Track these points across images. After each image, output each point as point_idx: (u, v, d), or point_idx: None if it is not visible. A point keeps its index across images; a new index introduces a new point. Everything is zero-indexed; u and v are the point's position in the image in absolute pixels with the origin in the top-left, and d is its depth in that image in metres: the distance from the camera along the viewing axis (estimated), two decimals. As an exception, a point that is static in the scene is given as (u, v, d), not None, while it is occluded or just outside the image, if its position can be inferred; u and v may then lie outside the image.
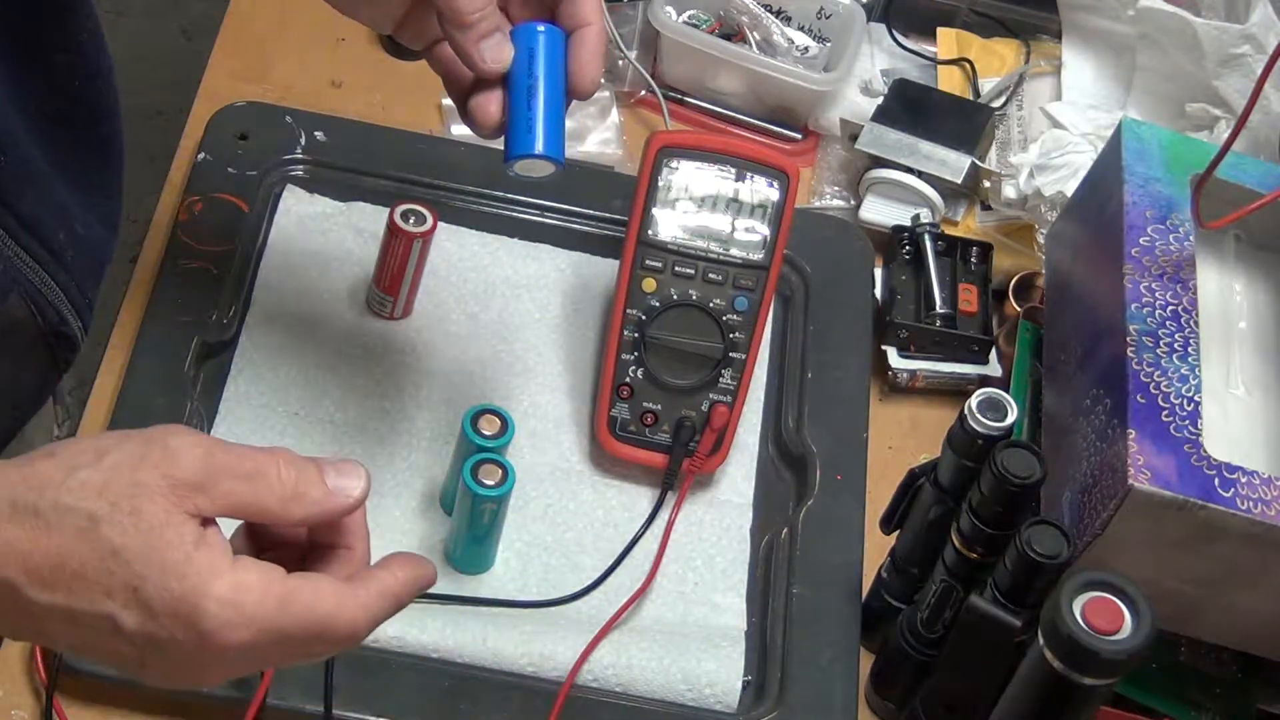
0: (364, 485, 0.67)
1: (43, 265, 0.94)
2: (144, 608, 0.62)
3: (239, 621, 0.62)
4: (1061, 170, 1.15)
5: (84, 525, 0.62)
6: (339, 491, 0.66)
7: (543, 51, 0.81)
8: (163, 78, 2.05)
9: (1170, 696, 0.95)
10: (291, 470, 0.65)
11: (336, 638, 0.65)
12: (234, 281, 1.05)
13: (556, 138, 0.80)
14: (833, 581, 0.99)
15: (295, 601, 0.64)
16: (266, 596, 0.63)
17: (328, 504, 0.66)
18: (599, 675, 0.93)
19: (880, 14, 1.31)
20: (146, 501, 0.62)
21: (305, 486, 0.65)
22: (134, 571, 0.62)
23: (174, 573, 0.62)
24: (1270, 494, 0.84)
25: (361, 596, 0.66)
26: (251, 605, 0.63)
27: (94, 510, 0.62)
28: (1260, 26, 1.17)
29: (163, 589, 0.62)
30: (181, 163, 1.13)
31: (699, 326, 1.00)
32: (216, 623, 0.62)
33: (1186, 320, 0.91)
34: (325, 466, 0.66)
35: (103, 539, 0.61)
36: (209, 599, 0.62)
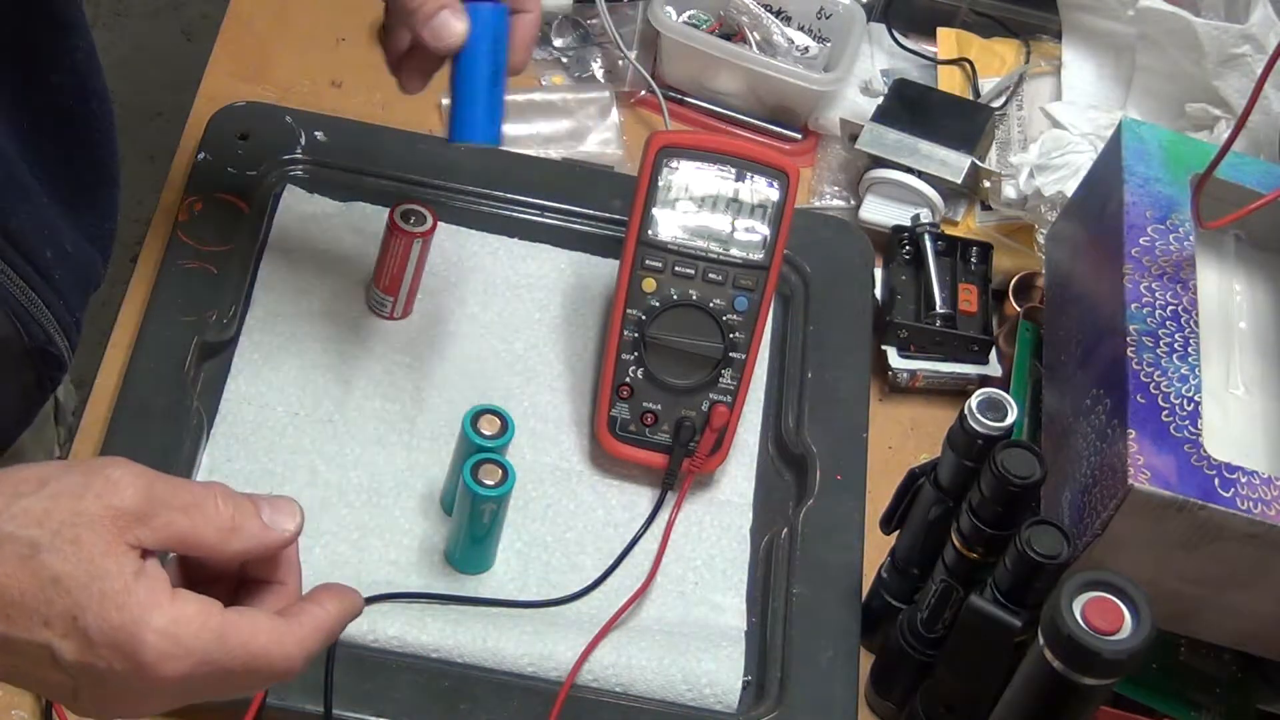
0: (298, 521, 0.68)
1: (29, 283, 0.94)
2: (82, 637, 0.62)
3: (177, 653, 0.63)
4: (1061, 170, 1.15)
5: (25, 553, 0.61)
6: (274, 526, 0.67)
7: (489, 32, 0.88)
8: (163, 78, 2.05)
9: (1170, 696, 0.95)
10: (229, 505, 0.65)
11: (272, 672, 0.66)
12: (234, 281, 1.05)
13: (495, 119, 0.89)
14: (833, 581, 0.99)
15: (232, 635, 0.64)
16: (204, 629, 0.63)
17: (264, 538, 0.66)
18: (599, 675, 0.93)
19: (880, 14, 1.31)
20: (87, 531, 0.62)
21: (242, 520, 0.66)
22: (74, 600, 0.62)
23: (113, 602, 0.62)
24: (1270, 494, 0.84)
25: (296, 631, 0.66)
26: (189, 637, 0.63)
27: (35, 538, 0.62)
28: (1260, 26, 1.17)
29: (102, 619, 0.62)
30: (181, 163, 1.13)
31: (699, 326, 1.00)
32: (155, 654, 0.62)
33: (1186, 320, 0.91)
34: (260, 502, 0.67)
35: (44, 566, 0.61)
36: (148, 630, 0.62)
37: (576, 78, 1.26)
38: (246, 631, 0.65)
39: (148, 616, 0.62)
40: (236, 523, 0.66)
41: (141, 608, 0.62)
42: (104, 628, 0.62)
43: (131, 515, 0.63)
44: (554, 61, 1.27)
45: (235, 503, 0.66)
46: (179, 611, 0.63)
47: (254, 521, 0.66)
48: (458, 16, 0.87)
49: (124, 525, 0.63)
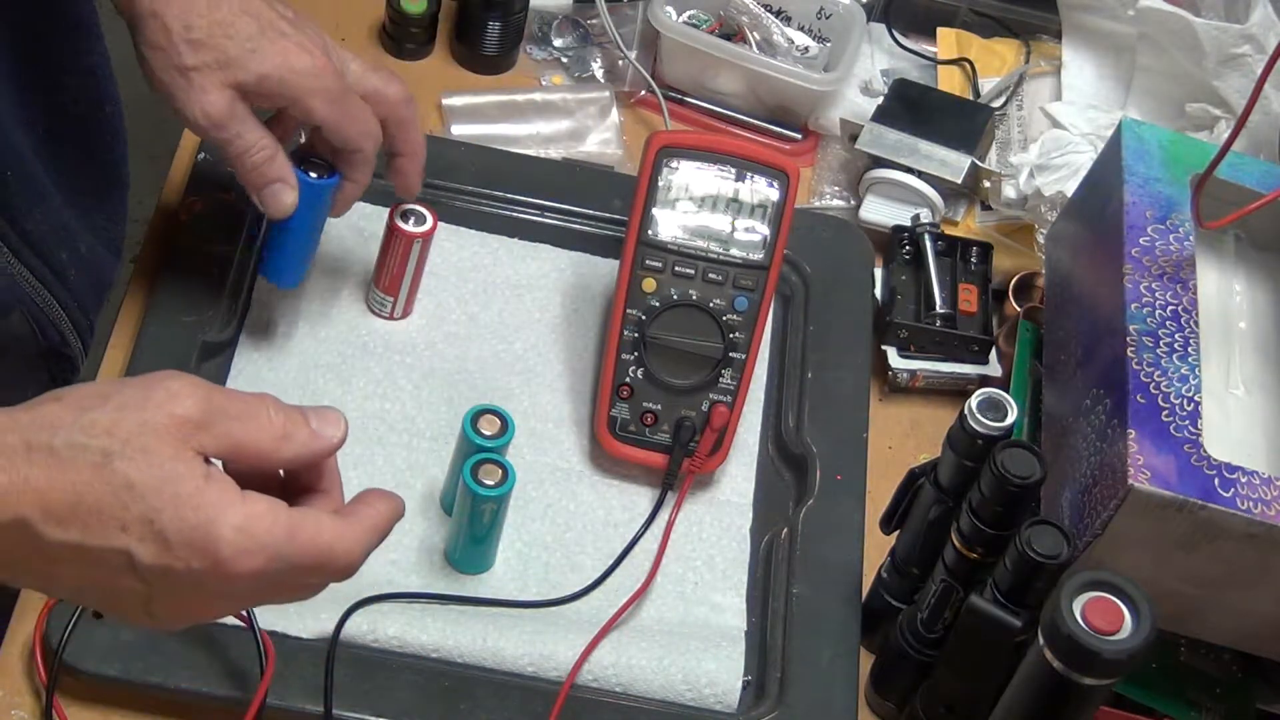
0: (343, 430, 0.70)
1: (45, 284, 0.94)
2: (160, 540, 0.64)
3: (252, 548, 0.65)
4: (1061, 170, 1.15)
5: (98, 461, 0.63)
6: (321, 434, 0.69)
7: (316, 202, 0.95)
8: (163, 78, 2.05)
9: (1170, 696, 0.95)
10: (280, 414, 0.68)
11: (336, 568, 0.68)
12: (234, 281, 1.05)
13: (300, 269, 1.00)
14: (833, 581, 0.99)
15: (301, 531, 0.66)
16: (275, 525, 0.66)
17: (313, 445, 0.69)
18: (599, 675, 0.93)
19: (880, 14, 1.31)
20: (154, 439, 0.64)
21: (292, 428, 0.68)
22: (149, 504, 0.63)
23: (188, 504, 0.64)
24: (1270, 494, 0.84)
25: (356, 527, 0.69)
26: (262, 533, 0.65)
27: (106, 447, 0.63)
28: (1260, 26, 1.17)
29: (178, 520, 0.64)
30: (181, 163, 1.13)
31: (699, 326, 1.00)
32: (231, 550, 0.64)
33: (1186, 320, 0.91)
34: (307, 412, 0.69)
35: (117, 474, 0.63)
36: (224, 527, 0.64)
37: (576, 78, 1.26)
38: (313, 528, 0.67)
39: (222, 515, 0.64)
40: (288, 430, 0.68)
41: (215, 507, 0.64)
42: (181, 528, 0.64)
43: (194, 423, 0.65)
44: (554, 61, 1.27)
45: (285, 412, 0.68)
46: (251, 509, 0.65)
47: (304, 430, 0.68)
48: (288, 190, 0.92)
49: (188, 433, 0.65)
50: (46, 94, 0.92)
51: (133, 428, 0.64)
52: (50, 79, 0.92)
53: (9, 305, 0.92)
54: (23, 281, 0.92)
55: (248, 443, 0.67)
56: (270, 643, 0.88)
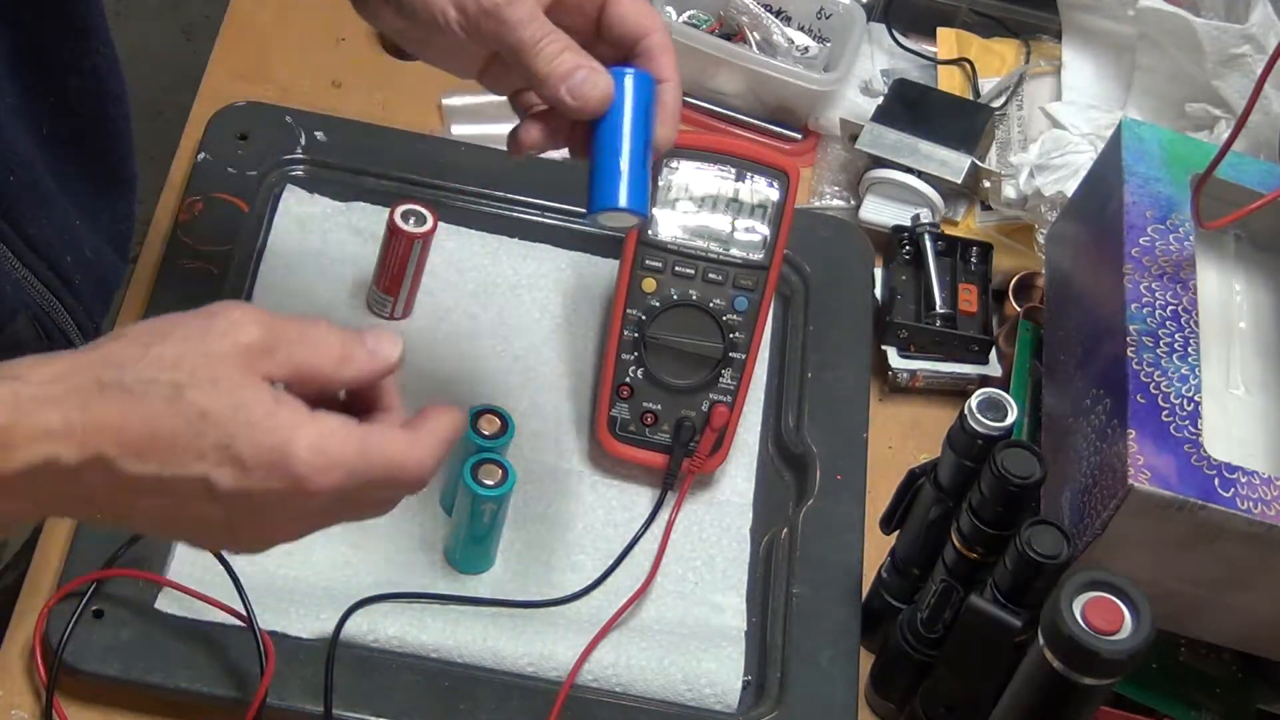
0: (400, 348, 0.70)
1: (50, 288, 0.94)
2: (237, 464, 0.65)
3: (328, 465, 0.66)
4: (1061, 170, 1.15)
5: (169, 394, 0.64)
6: (379, 353, 0.69)
7: (631, 96, 0.80)
8: (163, 78, 2.05)
9: (1170, 696, 0.95)
10: (338, 336, 0.69)
11: (408, 480, 0.69)
12: (234, 281, 1.05)
13: (642, 189, 0.80)
14: (833, 581, 0.99)
15: (373, 446, 0.67)
16: (349, 441, 0.66)
17: (372, 365, 0.69)
18: (599, 675, 0.93)
19: (880, 14, 1.31)
20: (222, 367, 0.65)
21: (351, 350, 0.69)
22: (224, 431, 0.64)
23: (262, 427, 0.65)
24: (1270, 494, 0.84)
25: (425, 440, 0.69)
26: (336, 449, 0.66)
27: (176, 379, 0.64)
28: (1260, 26, 1.17)
29: (253, 443, 0.65)
30: (181, 163, 1.13)
31: (699, 326, 1.00)
32: (309, 469, 0.65)
33: (1186, 320, 0.91)
34: (364, 334, 0.70)
35: (190, 404, 0.64)
36: (300, 446, 0.65)
37: (576, 78, 1.26)
38: (384, 442, 0.68)
39: (296, 434, 0.65)
40: (346, 352, 0.68)
41: (288, 428, 0.65)
42: (257, 451, 0.65)
43: (258, 349, 0.66)
44: (554, 61, 1.27)
45: (343, 335, 0.69)
46: (323, 427, 0.66)
47: (362, 351, 0.69)
48: (599, 74, 0.80)
49: (253, 359, 0.66)
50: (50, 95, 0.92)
51: (199, 359, 0.65)
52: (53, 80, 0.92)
53: (14, 310, 0.92)
54: (28, 286, 0.92)
55: (310, 366, 0.68)
56: (270, 643, 0.88)
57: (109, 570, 0.90)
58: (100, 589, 0.90)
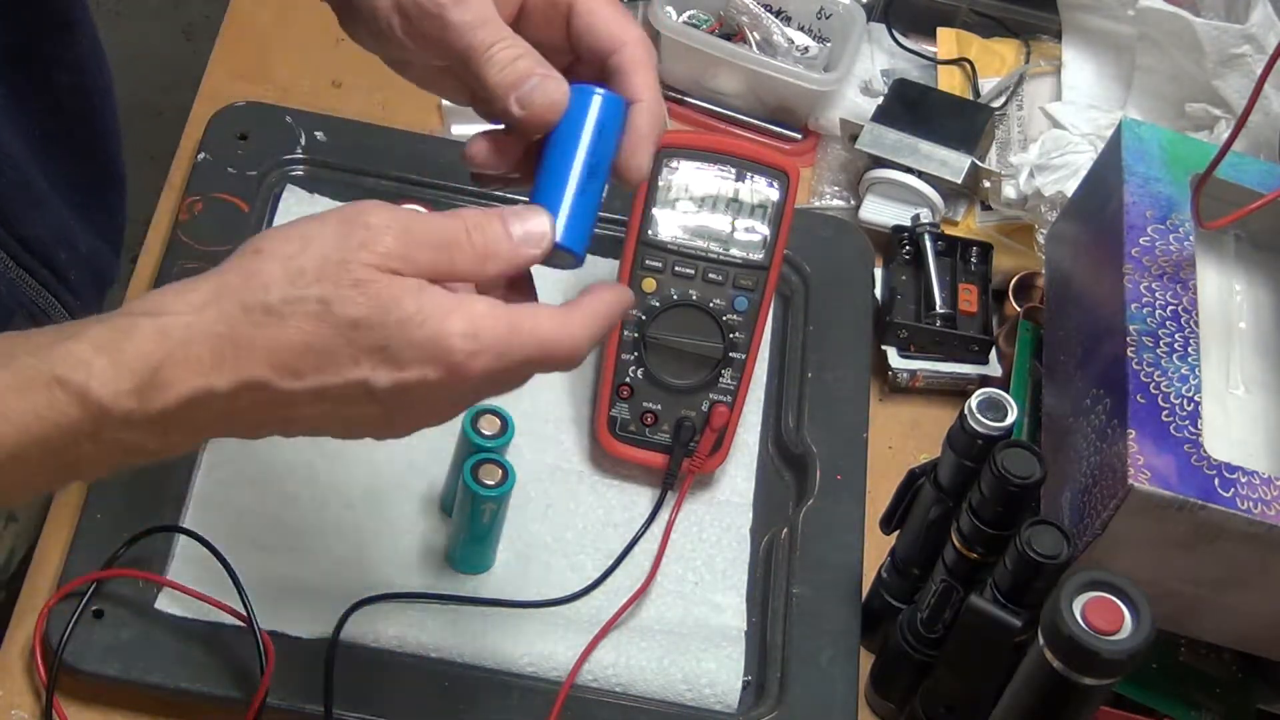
0: (548, 226, 0.70)
1: (46, 286, 0.94)
2: (395, 362, 0.66)
3: (481, 348, 0.67)
4: (1061, 170, 1.15)
5: (316, 310, 0.65)
6: (527, 241, 0.69)
7: (593, 119, 0.71)
8: (163, 78, 2.05)
9: (1170, 696, 0.95)
10: (480, 234, 0.69)
11: (560, 356, 0.69)
12: (234, 281, 1.05)
13: (583, 226, 0.71)
14: (833, 581, 0.99)
15: (523, 325, 0.68)
16: (498, 322, 0.67)
17: (517, 258, 0.69)
18: (599, 675, 0.93)
19: (880, 14, 1.31)
20: (364, 273, 0.65)
21: (495, 246, 0.69)
22: (377, 335, 0.65)
23: (413, 323, 0.65)
24: (1270, 494, 0.83)
25: (577, 316, 0.70)
26: (488, 331, 0.67)
27: (321, 294, 0.65)
28: (1260, 26, 1.17)
29: (406, 340, 0.66)
30: (181, 163, 1.13)
31: (699, 326, 1.00)
32: (463, 354, 0.66)
33: (1186, 320, 0.91)
34: (508, 217, 0.69)
35: (339, 316, 0.65)
36: (451, 335, 0.66)
37: (576, 78, 1.26)
38: (532, 321, 0.68)
39: (447, 323, 0.66)
40: (490, 249, 0.69)
41: (439, 319, 0.66)
42: (411, 345, 0.66)
43: (397, 256, 0.66)
44: (554, 61, 1.27)
45: (485, 230, 0.69)
46: (471, 309, 0.67)
47: (505, 244, 0.69)
48: (554, 81, 0.72)
49: (394, 265, 0.66)
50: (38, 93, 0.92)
51: (340, 271, 0.65)
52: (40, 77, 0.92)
53: (10, 309, 0.92)
54: (24, 285, 0.92)
55: (452, 271, 0.68)
56: (270, 643, 0.88)
57: (109, 570, 0.90)
58: (100, 589, 0.90)
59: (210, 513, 0.95)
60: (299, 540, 0.96)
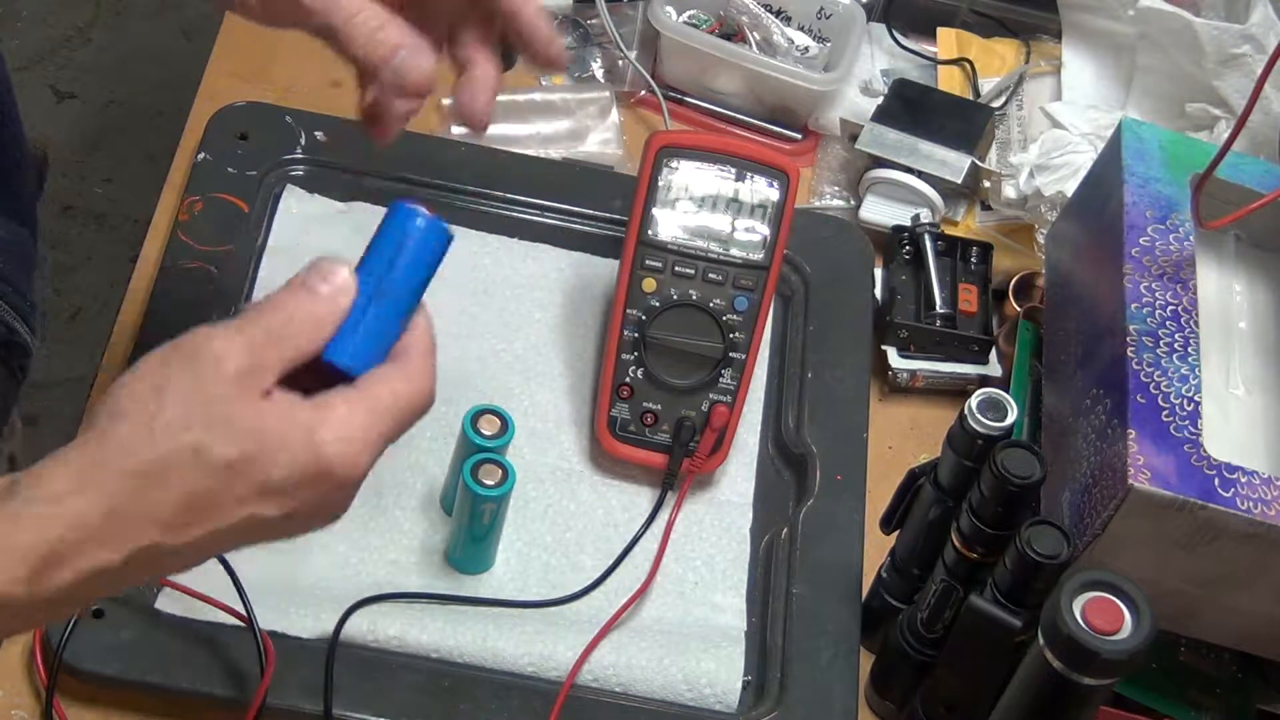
0: (344, 271, 0.69)
1: None
2: (278, 493, 0.66)
3: (358, 450, 0.68)
4: (1061, 170, 1.15)
5: (191, 459, 0.65)
6: (339, 292, 0.69)
7: (412, 243, 0.71)
8: (163, 78, 2.05)
9: (1170, 696, 0.95)
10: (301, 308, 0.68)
11: (422, 408, 0.71)
12: (234, 281, 1.05)
13: (373, 350, 0.70)
14: (833, 581, 0.99)
15: (381, 404, 0.69)
16: (358, 415, 0.68)
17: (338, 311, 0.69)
18: (599, 675, 0.93)
19: (880, 14, 1.31)
20: (227, 408, 0.65)
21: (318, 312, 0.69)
22: (254, 471, 0.65)
23: (287, 449, 0.66)
24: (1270, 494, 0.84)
25: (415, 365, 0.70)
26: (356, 430, 0.68)
27: (194, 441, 0.65)
28: (1260, 26, 1.17)
29: (284, 469, 0.66)
30: (181, 163, 1.13)
31: (699, 326, 1.00)
32: (344, 464, 0.67)
33: (1186, 320, 0.91)
34: (310, 281, 0.69)
35: (214, 461, 0.65)
36: (326, 448, 0.66)
37: (576, 78, 1.26)
38: (386, 393, 0.69)
39: (318, 439, 0.66)
40: (317, 317, 0.68)
41: (309, 435, 0.66)
42: (291, 474, 0.66)
43: (249, 371, 0.66)
44: (554, 61, 1.27)
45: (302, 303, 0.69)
46: (332, 415, 0.67)
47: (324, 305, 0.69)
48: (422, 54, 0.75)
49: (248, 382, 0.66)
50: None
51: (202, 411, 0.65)
52: None
53: None
54: None
55: (299, 354, 0.68)
56: (270, 643, 0.88)
57: (109, 570, 0.90)
58: (100, 589, 0.90)
59: (210, 513, 0.95)
60: (299, 540, 0.96)
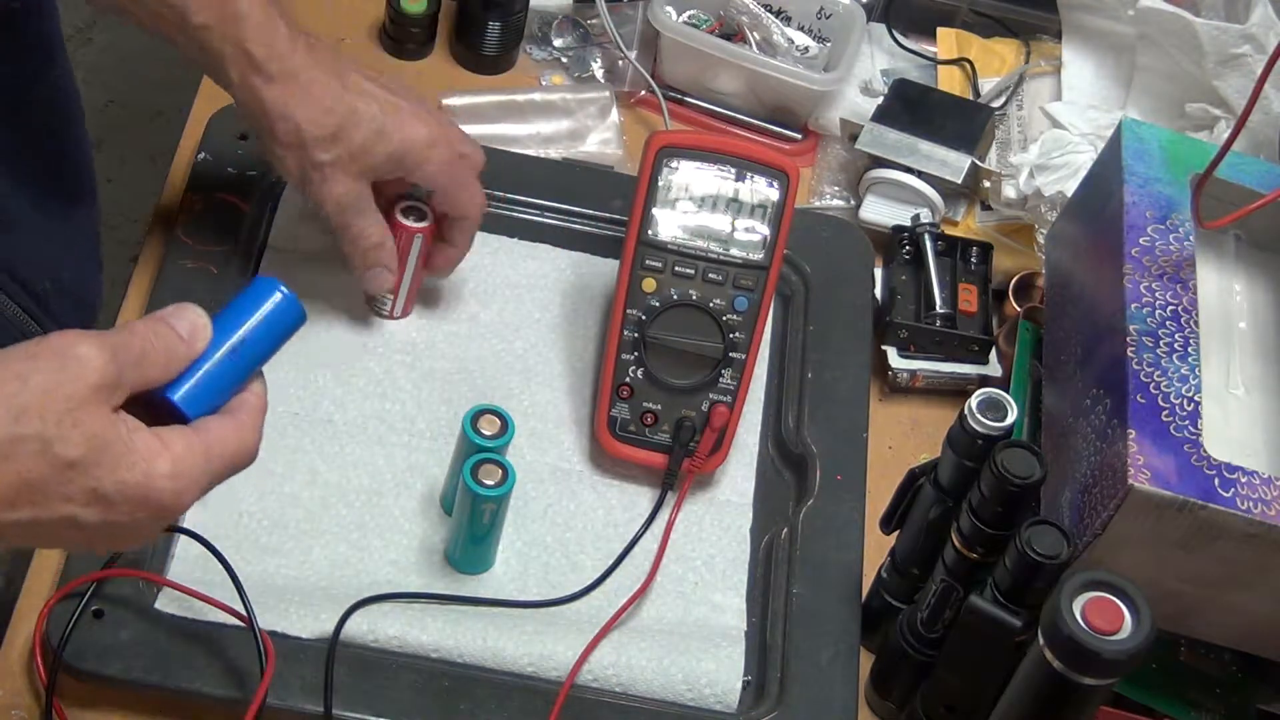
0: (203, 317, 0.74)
1: (31, 315, 0.94)
2: (103, 502, 0.70)
3: (186, 485, 0.72)
4: (1061, 170, 1.15)
5: (37, 449, 0.68)
6: (194, 336, 0.74)
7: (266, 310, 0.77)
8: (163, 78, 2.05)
9: (1170, 696, 0.95)
10: (160, 341, 0.73)
11: (245, 461, 0.75)
12: (234, 281, 1.05)
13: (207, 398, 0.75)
14: (833, 581, 0.99)
15: (214, 450, 0.73)
16: (195, 456, 0.72)
17: (191, 354, 0.74)
18: (599, 675, 0.93)
19: (880, 14, 1.31)
20: (81, 412, 0.69)
21: (174, 349, 0.73)
22: (89, 476, 0.69)
23: (123, 465, 0.70)
24: (1270, 494, 0.84)
25: (247, 420, 0.76)
26: (190, 468, 0.72)
27: (42, 433, 0.68)
28: (1260, 26, 1.17)
29: (117, 483, 0.70)
30: (181, 163, 1.13)
31: (699, 326, 1.00)
32: (170, 495, 0.71)
33: (1186, 320, 0.91)
34: (170, 320, 0.74)
35: (57, 457, 0.68)
36: (158, 478, 0.71)
37: (576, 78, 1.26)
38: (218, 441, 0.74)
39: (154, 466, 0.70)
40: (171, 353, 0.73)
41: (147, 461, 0.70)
42: (121, 489, 0.70)
43: (108, 386, 0.70)
44: (554, 61, 1.27)
45: (161, 336, 0.73)
46: (173, 449, 0.71)
47: (181, 345, 0.73)
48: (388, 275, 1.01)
49: (105, 396, 0.70)
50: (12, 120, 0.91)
51: (59, 405, 0.68)
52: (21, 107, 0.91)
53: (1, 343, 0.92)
54: (10, 315, 0.92)
55: (149, 382, 0.72)
56: (270, 643, 0.88)
57: (109, 570, 0.90)
58: (100, 589, 0.90)
59: (210, 513, 0.95)
60: (299, 540, 0.96)
